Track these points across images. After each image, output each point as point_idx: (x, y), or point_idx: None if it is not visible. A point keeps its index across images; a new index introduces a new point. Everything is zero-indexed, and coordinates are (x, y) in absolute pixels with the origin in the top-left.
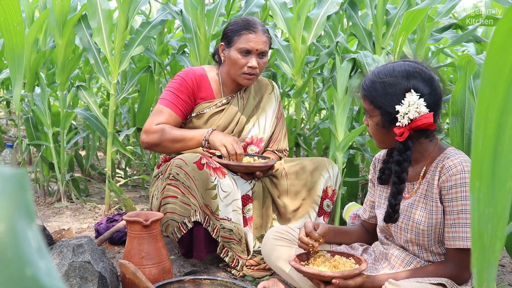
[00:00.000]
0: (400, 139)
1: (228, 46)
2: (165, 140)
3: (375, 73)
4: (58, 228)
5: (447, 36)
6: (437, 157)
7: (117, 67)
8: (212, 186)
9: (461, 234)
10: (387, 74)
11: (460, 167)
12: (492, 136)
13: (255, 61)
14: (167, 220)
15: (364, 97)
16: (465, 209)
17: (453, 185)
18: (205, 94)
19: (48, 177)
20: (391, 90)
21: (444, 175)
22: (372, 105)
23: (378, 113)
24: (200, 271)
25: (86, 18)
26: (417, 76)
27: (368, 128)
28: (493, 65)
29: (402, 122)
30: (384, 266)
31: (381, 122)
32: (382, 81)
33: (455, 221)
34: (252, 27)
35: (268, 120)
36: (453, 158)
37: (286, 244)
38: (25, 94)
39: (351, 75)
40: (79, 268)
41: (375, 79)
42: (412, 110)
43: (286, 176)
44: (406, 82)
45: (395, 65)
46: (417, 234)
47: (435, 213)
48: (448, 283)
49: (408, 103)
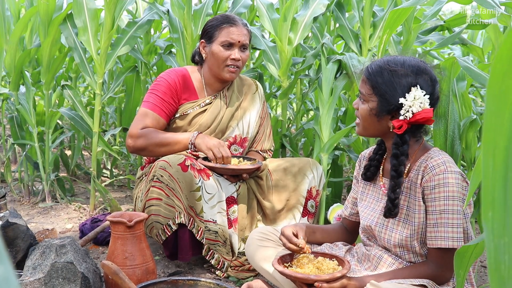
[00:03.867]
0: (398, 131)
1: (209, 41)
2: (151, 144)
3: (384, 60)
4: (42, 228)
5: (433, 39)
6: (421, 157)
7: (103, 66)
8: (196, 188)
9: (443, 234)
10: (397, 64)
11: (443, 167)
12: (502, 164)
13: (237, 53)
14: (152, 222)
15: (366, 80)
16: (447, 209)
17: (436, 185)
18: (188, 95)
19: (32, 177)
20: (398, 80)
21: (427, 175)
22: (372, 90)
23: (376, 99)
24: (184, 272)
25: (72, 17)
26: (426, 74)
27: (357, 111)
28: (496, 91)
29: (406, 115)
30: (367, 267)
31: (377, 109)
32: (391, 70)
33: (437, 221)
34: (232, 20)
35: (252, 119)
36: (437, 158)
37: (270, 245)
38: (10, 93)
39: (337, 76)
40: (62, 268)
41: (384, 65)
42: (417, 104)
43: (270, 175)
44: (414, 76)
45: (405, 58)
46: (400, 233)
47: (418, 212)
48: (429, 284)
49: (413, 97)
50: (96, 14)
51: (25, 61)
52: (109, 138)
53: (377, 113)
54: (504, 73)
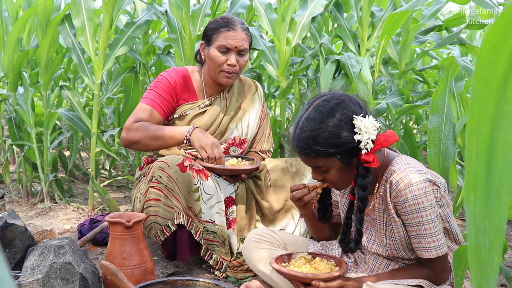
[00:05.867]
0: (374, 165)
1: (208, 44)
2: (145, 138)
3: (302, 130)
4: (41, 229)
5: (431, 39)
6: (385, 170)
7: (101, 67)
8: (195, 188)
9: (425, 245)
10: (317, 123)
11: (407, 181)
12: (485, 149)
13: (234, 58)
14: (150, 223)
15: (309, 157)
16: (422, 220)
17: (405, 200)
18: (188, 95)
19: (31, 178)
20: (336, 130)
21: (393, 191)
22: (326, 158)
23: (336, 159)
24: (183, 272)
25: (70, 17)
26: (344, 101)
27: (324, 180)
28: (482, 78)
29: (368, 147)
30: (364, 269)
31: (343, 163)
32: (320, 131)
33: (416, 233)
34: (231, 24)
35: (252, 121)
36: (399, 172)
37: (267, 247)
38: (8, 93)
39: (335, 76)
40: (60, 269)
41: (311, 134)
42: (371, 131)
43: (268, 175)
44: (338, 114)
45: (311, 114)
46: (385, 247)
47: (395, 228)
48: (426, 284)
49: (363, 127)
50: (94, 14)
51: (23, 61)
52: (108, 139)
53: (345, 166)
54: (490, 60)
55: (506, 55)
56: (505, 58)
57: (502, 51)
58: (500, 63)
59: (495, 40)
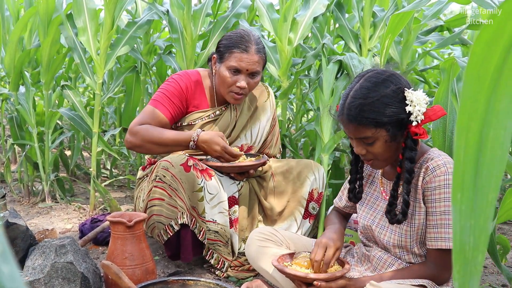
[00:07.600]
0: (423, 137)
1: (220, 61)
2: (148, 142)
3: (355, 97)
4: (42, 228)
5: (433, 39)
6: (420, 158)
7: (102, 67)
8: (198, 188)
9: (443, 235)
10: (370, 91)
11: (444, 169)
12: (474, 147)
13: (244, 81)
14: (154, 222)
15: (360, 126)
16: (448, 210)
17: (437, 186)
18: (198, 102)
19: (32, 177)
20: (389, 100)
21: (428, 176)
22: (375, 128)
23: (384, 131)
24: (184, 272)
25: (71, 17)
26: (394, 75)
27: (367, 154)
28: (474, 75)
29: (418, 119)
30: (366, 268)
31: (390, 136)
32: (373, 99)
33: (437, 222)
34: (246, 44)
35: (261, 129)
36: (437, 159)
37: (270, 246)
38: (10, 93)
39: (337, 76)
40: (62, 269)
41: (364, 102)
42: (422, 103)
43: (272, 177)
44: (392, 85)
45: (363, 84)
46: (400, 234)
47: (418, 214)
48: (429, 284)
49: (414, 99)
50: (96, 14)
51: (24, 61)
52: (109, 138)
53: (392, 139)
54: (483, 58)
55: (499, 52)
56: (498, 55)
57: (495, 48)
58: (492, 60)
59: (488, 37)
